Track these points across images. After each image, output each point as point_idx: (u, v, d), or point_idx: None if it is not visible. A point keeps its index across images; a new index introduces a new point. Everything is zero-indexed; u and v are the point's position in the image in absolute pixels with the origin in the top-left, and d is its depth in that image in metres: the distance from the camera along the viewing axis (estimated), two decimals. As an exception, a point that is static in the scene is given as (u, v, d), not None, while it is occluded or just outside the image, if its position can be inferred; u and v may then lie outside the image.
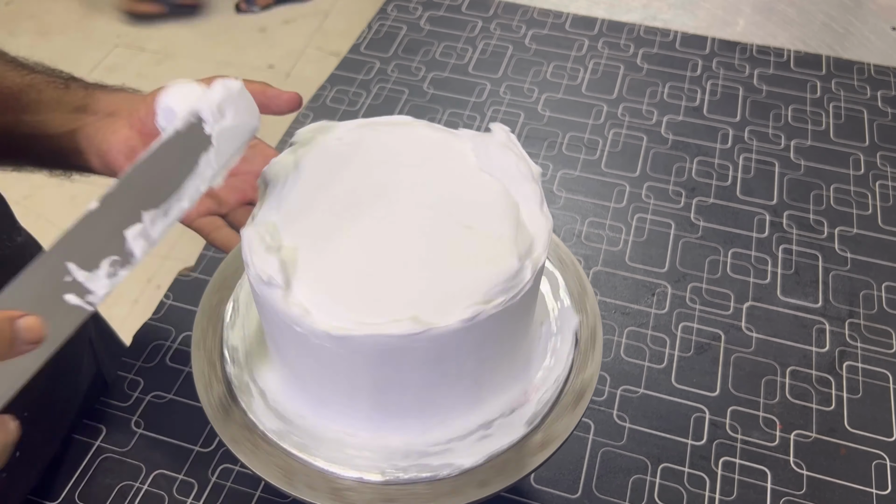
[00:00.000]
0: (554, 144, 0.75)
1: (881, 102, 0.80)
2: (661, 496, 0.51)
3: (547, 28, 0.89)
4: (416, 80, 0.82)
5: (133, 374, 0.57)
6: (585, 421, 0.54)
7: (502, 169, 0.40)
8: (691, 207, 0.69)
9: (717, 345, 0.59)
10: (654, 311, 0.61)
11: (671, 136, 0.76)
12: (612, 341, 0.59)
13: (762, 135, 0.76)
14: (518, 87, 0.82)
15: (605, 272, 0.64)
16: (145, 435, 0.54)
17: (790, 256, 0.65)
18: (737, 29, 0.90)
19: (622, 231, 0.67)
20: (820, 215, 0.69)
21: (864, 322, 0.61)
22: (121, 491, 0.51)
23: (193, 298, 0.62)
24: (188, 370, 0.57)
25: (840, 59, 0.85)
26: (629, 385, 0.57)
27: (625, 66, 0.84)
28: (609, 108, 0.79)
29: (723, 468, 0.52)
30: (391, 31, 0.89)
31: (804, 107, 0.79)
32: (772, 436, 0.54)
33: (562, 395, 0.41)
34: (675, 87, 0.82)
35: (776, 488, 0.51)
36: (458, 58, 0.85)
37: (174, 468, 0.52)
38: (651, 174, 0.73)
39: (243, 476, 0.52)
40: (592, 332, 0.44)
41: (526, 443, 0.39)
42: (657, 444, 0.53)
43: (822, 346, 0.59)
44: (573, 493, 0.51)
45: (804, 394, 0.56)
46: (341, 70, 0.84)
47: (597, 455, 0.53)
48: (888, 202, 0.70)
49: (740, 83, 0.82)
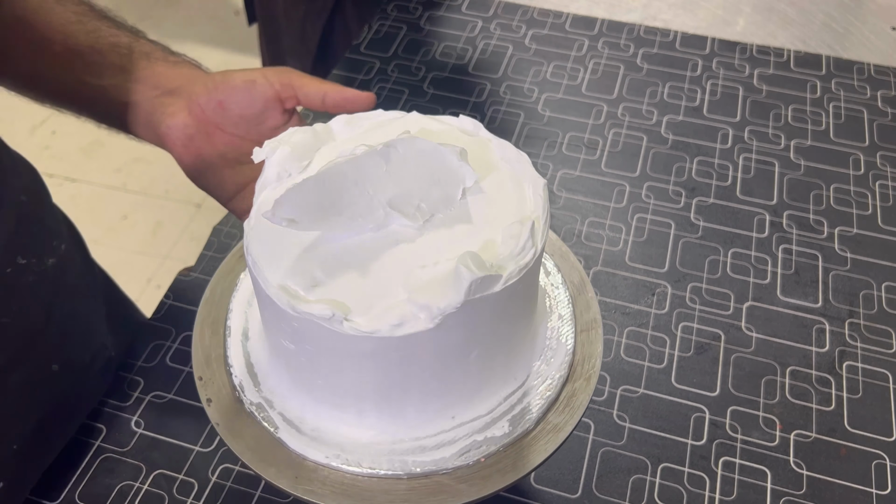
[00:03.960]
0: (554, 144, 0.75)
1: (881, 102, 0.80)
2: (661, 496, 0.51)
3: (547, 28, 0.89)
4: (416, 80, 0.82)
5: (133, 374, 0.57)
6: (585, 421, 0.55)
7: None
8: (691, 207, 0.69)
9: (717, 345, 0.59)
10: (654, 311, 0.61)
11: (671, 136, 0.76)
12: (612, 341, 0.59)
13: (762, 135, 0.76)
14: (518, 87, 0.82)
15: (605, 272, 0.64)
16: (145, 435, 0.54)
17: (790, 256, 0.65)
18: (737, 29, 0.90)
19: (622, 231, 0.67)
20: (820, 215, 0.69)
21: (864, 322, 0.61)
22: (121, 491, 0.51)
23: (193, 298, 0.62)
24: (188, 370, 0.57)
25: (840, 59, 0.85)
26: (629, 385, 0.57)
27: (625, 66, 0.84)
28: (609, 108, 0.79)
29: (723, 468, 0.52)
30: (391, 31, 0.89)
31: (804, 107, 0.79)
32: (772, 436, 0.54)
33: (561, 394, 0.41)
34: (675, 87, 0.82)
35: (776, 488, 0.51)
36: (458, 58, 0.85)
37: (174, 468, 0.52)
38: (651, 174, 0.73)
39: (243, 476, 0.52)
40: (593, 332, 0.44)
41: (525, 442, 0.39)
42: (657, 444, 0.53)
43: (822, 346, 0.59)
44: (573, 493, 0.51)
45: (804, 394, 0.56)
46: (341, 70, 0.84)
47: (597, 455, 0.53)
48: (888, 202, 0.70)
49: (740, 83, 0.82)
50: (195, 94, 0.48)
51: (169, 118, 0.48)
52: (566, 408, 0.41)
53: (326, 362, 0.37)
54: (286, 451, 0.39)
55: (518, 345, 0.41)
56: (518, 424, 0.40)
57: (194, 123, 0.48)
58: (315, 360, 0.37)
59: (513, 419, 0.40)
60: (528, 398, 0.41)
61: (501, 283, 0.35)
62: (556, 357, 0.43)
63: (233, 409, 0.41)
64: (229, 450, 0.39)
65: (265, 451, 0.39)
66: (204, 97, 0.48)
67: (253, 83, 0.49)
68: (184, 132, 0.48)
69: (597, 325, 0.44)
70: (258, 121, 0.50)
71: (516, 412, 0.40)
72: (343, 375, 0.37)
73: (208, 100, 0.48)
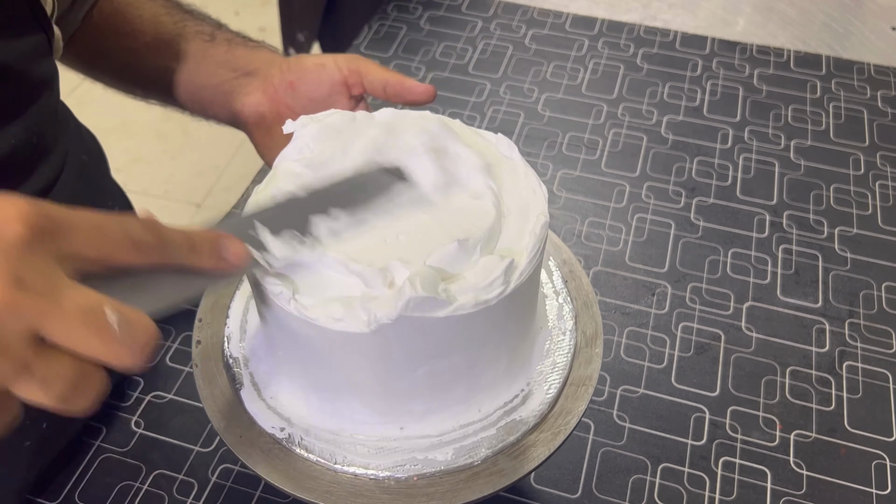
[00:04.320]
0: (554, 144, 0.75)
1: (881, 102, 0.80)
2: (661, 496, 0.51)
3: (547, 28, 0.89)
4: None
5: (133, 375, 0.57)
6: (585, 421, 0.54)
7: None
8: (691, 207, 0.69)
9: (717, 345, 0.59)
10: (654, 311, 0.61)
11: (671, 136, 0.76)
12: (612, 341, 0.59)
13: (762, 135, 0.76)
14: (518, 87, 0.82)
15: (605, 272, 0.64)
16: (145, 435, 0.54)
17: (790, 256, 0.65)
18: (737, 29, 0.90)
19: (622, 231, 0.67)
20: (820, 215, 0.69)
21: (864, 322, 0.61)
22: (121, 491, 0.51)
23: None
24: (188, 370, 0.57)
25: (840, 59, 0.85)
26: (629, 385, 0.57)
27: (625, 66, 0.84)
28: (609, 108, 0.79)
29: (723, 468, 0.52)
30: (391, 31, 0.89)
31: (804, 107, 0.79)
32: (772, 436, 0.54)
33: (561, 394, 0.41)
34: (675, 87, 0.82)
35: (776, 488, 0.51)
36: (458, 58, 0.85)
37: (174, 468, 0.52)
38: (651, 174, 0.73)
39: (243, 476, 0.52)
40: (592, 332, 0.44)
41: (525, 442, 0.39)
42: (657, 444, 0.53)
43: (822, 346, 0.59)
44: (573, 493, 0.51)
45: (804, 394, 0.56)
46: (341, 70, 0.84)
47: (597, 455, 0.53)
48: (888, 202, 0.70)
49: (740, 83, 0.82)
50: (270, 75, 0.51)
51: (245, 97, 0.51)
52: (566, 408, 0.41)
53: (284, 336, 0.37)
54: (242, 410, 0.40)
55: (517, 343, 0.40)
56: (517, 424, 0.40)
57: (267, 102, 0.51)
58: (276, 331, 0.38)
59: (512, 419, 0.40)
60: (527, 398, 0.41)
61: (449, 310, 0.33)
62: (556, 357, 0.42)
63: (214, 356, 0.42)
64: (229, 450, 0.39)
65: (225, 406, 0.40)
66: (277, 78, 0.51)
67: (323, 66, 0.50)
68: (256, 109, 0.51)
69: (597, 325, 0.44)
70: (326, 104, 0.51)
71: (516, 412, 0.40)
72: (296, 352, 0.38)
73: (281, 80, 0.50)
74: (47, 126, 0.45)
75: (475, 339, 0.36)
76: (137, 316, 0.26)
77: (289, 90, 0.51)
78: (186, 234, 0.29)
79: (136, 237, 0.27)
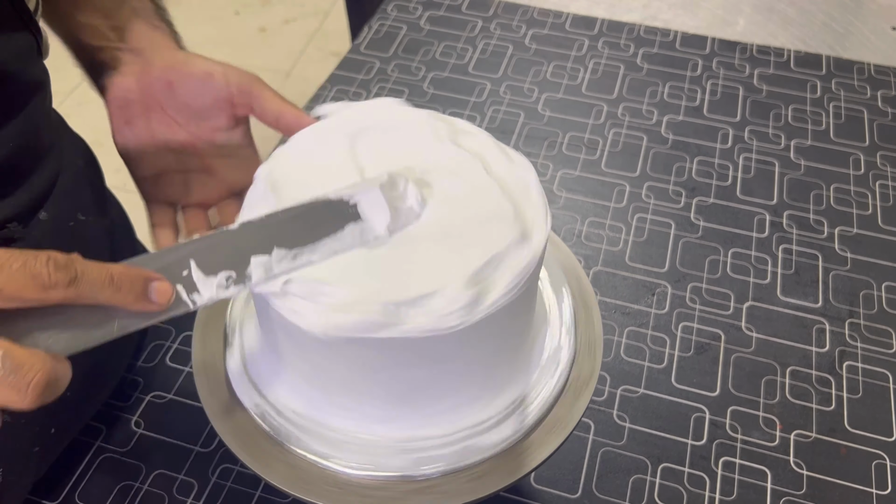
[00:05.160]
0: (554, 144, 0.75)
1: (881, 102, 0.80)
2: (661, 496, 0.51)
3: (547, 28, 0.89)
4: (416, 79, 0.82)
5: (133, 375, 0.57)
6: (585, 421, 0.54)
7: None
8: (691, 207, 0.69)
9: (717, 345, 0.59)
10: (654, 311, 0.61)
11: (671, 135, 0.76)
12: (612, 341, 0.59)
13: (762, 135, 0.76)
14: (518, 86, 0.82)
15: (605, 272, 0.64)
16: (145, 435, 0.54)
17: (790, 256, 0.65)
18: (737, 29, 0.90)
19: (622, 231, 0.67)
20: (820, 215, 0.69)
21: (864, 322, 0.61)
22: (121, 491, 0.51)
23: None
24: (188, 370, 0.57)
25: (840, 59, 0.85)
26: (629, 385, 0.57)
27: (625, 65, 0.84)
28: (609, 107, 0.79)
29: (723, 468, 0.52)
30: (391, 31, 0.89)
31: (804, 107, 0.79)
32: (772, 436, 0.54)
33: (561, 394, 0.41)
34: (675, 86, 0.82)
35: (776, 488, 0.51)
36: (458, 58, 0.85)
37: (174, 468, 0.52)
38: (651, 174, 0.73)
39: (243, 476, 0.52)
40: (592, 332, 0.44)
41: (525, 442, 0.39)
42: (657, 444, 0.53)
43: (822, 346, 0.59)
44: (573, 493, 0.51)
45: (804, 394, 0.56)
46: (341, 70, 0.84)
47: (597, 455, 0.53)
48: (888, 202, 0.70)
49: (740, 83, 0.82)
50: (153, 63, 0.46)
51: (118, 75, 0.47)
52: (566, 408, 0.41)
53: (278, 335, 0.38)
54: (242, 410, 0.40)
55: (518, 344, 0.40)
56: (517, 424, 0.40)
57: (138, 91, 0.46)
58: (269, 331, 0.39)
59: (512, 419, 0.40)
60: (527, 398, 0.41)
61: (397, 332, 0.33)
62: (556, 357, 0.42)
63: (214, 356, 0.43)
64: (229, 450, 0.39)
65: (225, 406, 0.40)
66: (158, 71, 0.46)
67: (209, 76, 0.45)
68: (125, 95, 0.46)
69: (597, 325, 0.44)
70: (202, 116, 0.47)
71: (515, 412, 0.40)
72: (290, 352, 0.38)
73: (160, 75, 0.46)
74: (42, 130, 0.44)
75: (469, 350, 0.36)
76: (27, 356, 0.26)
77: (165, 89, 0.46)
78: (109, 272, 0.30)
79: (42, 275, 0.27)
